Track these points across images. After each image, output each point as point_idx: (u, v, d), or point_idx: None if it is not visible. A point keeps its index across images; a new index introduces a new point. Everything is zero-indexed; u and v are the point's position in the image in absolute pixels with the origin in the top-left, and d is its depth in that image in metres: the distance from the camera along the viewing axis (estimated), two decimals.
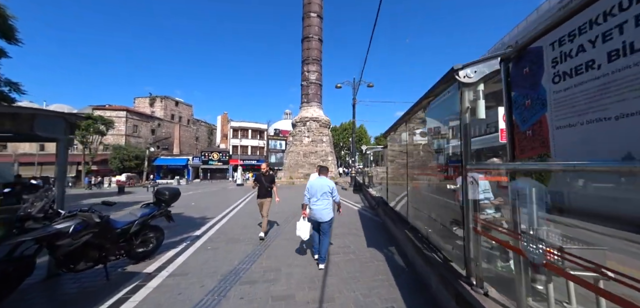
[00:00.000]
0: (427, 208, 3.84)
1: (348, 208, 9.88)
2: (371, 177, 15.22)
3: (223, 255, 4.77)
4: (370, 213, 8.94)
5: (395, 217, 5.72)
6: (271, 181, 5.98)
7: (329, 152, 34.06)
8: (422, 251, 3.50)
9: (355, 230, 6.51)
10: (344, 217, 8.16)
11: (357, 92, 18.81)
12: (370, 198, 11.35)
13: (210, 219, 8.20)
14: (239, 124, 54.21)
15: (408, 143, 4.93)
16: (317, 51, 35.02)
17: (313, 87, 34.69)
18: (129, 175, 33.01)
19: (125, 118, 44.81)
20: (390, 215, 6.23)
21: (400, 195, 5.60)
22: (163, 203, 4.68)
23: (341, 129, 62.65)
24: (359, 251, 4.87)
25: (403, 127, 5.15)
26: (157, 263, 4.36)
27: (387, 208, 7.04)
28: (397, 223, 5.30)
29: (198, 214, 9.21)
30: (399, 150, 5.76)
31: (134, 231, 4.07)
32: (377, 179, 10.93)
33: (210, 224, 7.45)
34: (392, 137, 6.61)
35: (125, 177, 31.14)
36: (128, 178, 31.10)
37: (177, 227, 6.94)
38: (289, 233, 6.17)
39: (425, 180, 4.17)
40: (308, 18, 34.71)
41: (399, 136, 5.62)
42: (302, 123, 34.02)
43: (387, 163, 7.95)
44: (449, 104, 2.85)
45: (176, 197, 4.96)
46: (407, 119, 4.98)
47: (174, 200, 4.89)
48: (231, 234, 6.29)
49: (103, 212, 3.83)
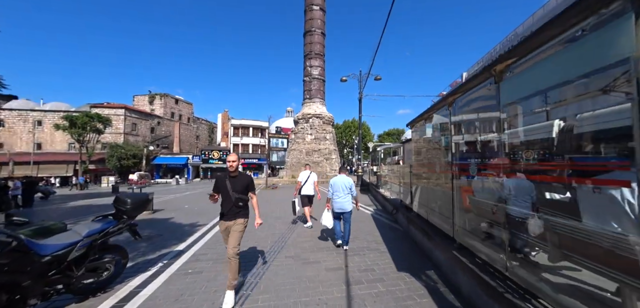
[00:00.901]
0: (503, 227, 2.58)
1: (360, 213, 8.66)
2: (380, 176, 13.98)
3: (205, 284, 3.58)
4: (386, 218, 7.71)
5: (430, 229, 4.48)
6: (246, 188, 3.42)
7: (332, 150, 32.82)
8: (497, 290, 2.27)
9: (374, 242, 5.28)
10: (358, 223, 6.96)
11: (364, 86, 17.53)
12: (383, 200, 10.12)
13: (200, 227, 7.01)
14: (239, 122, 53.09)
15: (456, 132, 3.68)
16: (320, 45, 33.71)
17: (316, 83, 33.41)
18: (141, 174, 31.92)
19: (123, 116, 43.80)
20: (419, 224, 5.00)
21: (437, 200, 4.35)
22: (124, 215, 3.47)
23: (344, 126, 61.37)
24: (388, 277, 3.64)
25: (444, 110, 3.90)
26: (113, 298, 3.16)
27: (412, 215, 5.80)
28: (433, 238, 4.07)
29: (188, 220, 8.02)
30: (435, 144, 4.51)
31: (75, 257, 2.87)
32: (392, 179, 9.69)
33: (199, 234, 6.25)
34: (420, 127, 5.36)
35: (137, 176, 30.26)
36: (140, 177, 30.15)
37: (157, 239, 5.74)
38: (294, 246, 4.97)
39: (493, 185, 2.88)
40: (310, 11, 33.39)
41: (438, 125, 4.36)
42: (305, 120, 32.76)
43: (412, 160, 6.70)
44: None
45: (142, 206, 3.76)
46: (450, 102, 3.73)
47: (138, 210, 3.67)
48: (221, 248, 5.08)
49: (18, 230, 2.63)
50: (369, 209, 9.43)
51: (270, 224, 7.13)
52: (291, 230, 6.46)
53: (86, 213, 10.16)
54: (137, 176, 31.03)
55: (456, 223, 3.48)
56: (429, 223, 4.71)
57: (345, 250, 4.76)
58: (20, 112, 42.16)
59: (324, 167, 31.28)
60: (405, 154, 7.05)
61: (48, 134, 41.49)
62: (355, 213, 7.88)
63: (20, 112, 42.23)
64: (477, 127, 3.37)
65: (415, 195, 5.66)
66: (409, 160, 6.83)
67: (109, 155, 37.73)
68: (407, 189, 6.56)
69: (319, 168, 30.96)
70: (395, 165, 10.32)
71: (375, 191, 13.19)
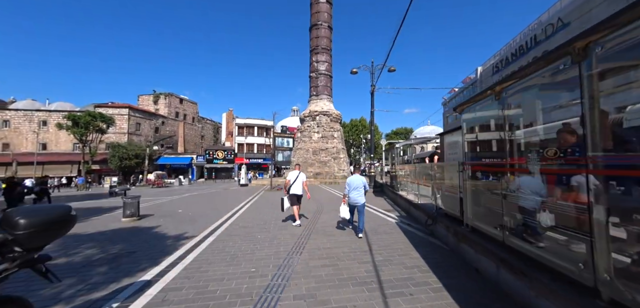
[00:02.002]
0: None
1: (380, 220, 7.16)
2: (396, 176, 12.40)
3: None
4: (417, 228, 6.19)
5: (514, 259, 2.94)
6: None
7: (340, 148, 31.26)
8: None
9: (418, 270, 3.77)
10: (384, 235, 5.54)
11: (379, 78, 15.98)
12: (406, 205, 8.58)
13: (187, 240, 5.62)
14: (244, 121, 52.05)
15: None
16: (327, 40, 32.22)
17: (322, 79, 31.93)
18: (158, 174, 33.52)
19: (127, 116, 43.20)
20: (486, 246, 3.47)
21: (550, 218, 2.79)
22: (17, 246, 2.00)
23: (351, 125, 59.69)
24: None
25: (542, 79, 2.39)
26: None
27: (464, 230, 4.26)
28: (536, 278, 2.54)
29: (176, 229, 6.66)
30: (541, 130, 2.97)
31: None
32: (420, 180, 8.14)
33: (182, 251, 4.85)
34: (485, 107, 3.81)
35: (154, 176, 32.12)
36: (157, 177, 31.86)
37: (125, 260, 4.36)
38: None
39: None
40: (317, 4, 31.94)
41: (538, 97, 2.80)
42: (311, 117, 31.30)
43: (456, 155, 5.18)
44: None
45: (50, 229, 2.09)
46: (539, 67, 2.22)
47: (41, 237, 2.03)
48: (204, 277, 3.66)
49: None
50: (391, 216, 7.90)
51: (274, 234, 5.71)
52: (299, 250, 5.00)
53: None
54: (155, 175, 32.17)
55: (599, 265, 1.95)
56: (506, 247, 3.17)
57: (359, 237, 5.42)
58: (25, 112, 42.00)
59: (332, 167, 29.74)
60: (446, 149, 5.50)
61: (53, 134, 41.17)
62: (381, 224, 6.80)
63: (25, 112, 42.08)
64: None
65: (471, 203, 4.13)
66: (453, 156, 5.30)
67: (111, 155, 37.07)
68: (451, 195, 5.02)
69: (326, 168, 29.44)
70: (420, 164, 8.73)
71: (392, 193, 11.63)
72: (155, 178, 31.54)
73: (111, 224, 7.56)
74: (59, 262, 4.35)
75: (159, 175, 32.60)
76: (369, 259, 4.27)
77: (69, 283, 3.43)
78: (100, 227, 7.21)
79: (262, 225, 6.89)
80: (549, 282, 2.37)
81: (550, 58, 2.41)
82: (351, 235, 5.75)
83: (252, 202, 12.12)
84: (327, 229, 6.35)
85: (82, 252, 4.87)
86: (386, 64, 14.71)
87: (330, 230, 6.30)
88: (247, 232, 6.21)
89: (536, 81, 2.72)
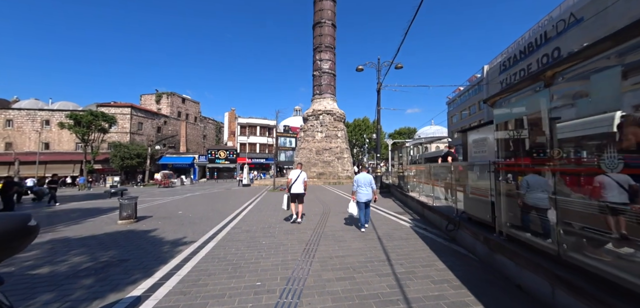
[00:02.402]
0: None
1: (393, 223, 6.64)
2: (405, 177, 11.86)
3: None
4: (435, 233, 5.66)
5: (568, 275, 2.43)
6: None
7: (344, 148, 30.71)
8: None
9: (449, 286, 3.26)
10: (401, 241, 4.99)
11: (386, 75, 15.44)
12: (419, 208, 8.05)
13: (186, 246, 5.15)
14: (246, 121, 51.66)
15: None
16: (330, 38, 31.67)
17: (326, 77, 31.40)
18: (165, 173, 33.48)
19: (129, 115, 43.00)
20: (538, 264, 2.95)
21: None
22: None
23: (354, 125, 59.14)
24: None
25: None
26: None
27: (497, 238, 3.74)
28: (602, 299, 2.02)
29: (175, 233, 6.20)
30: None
31: None
32: (435, 181, 7.61)
33: (179, 259, 4.38)
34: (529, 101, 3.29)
35: (162, 175, 32.14)
36: (164, 177, 31.82)
37: (115, 270, 3.88)
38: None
39: None
40: (320, 2, 31.42)
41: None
42: (315, 116, 30.79)
43: (482, 154, 4.65)
44: None
45: (4, 242, 1.66)
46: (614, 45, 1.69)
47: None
48: (204, 295, 3.18)
49: None
50: (403, 219, 7.38)
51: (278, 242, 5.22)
52: (306, 262, 4.51)
53: (65, 219, 8.52)
54: (162, 175, 32.31)
55: None
56: (562, 263, 2.65)
57: (362, 231, 5.92)
58: (28, 112, 41.95)
59: (336, 167, 29.19)
60: (471, 147, 4.97)
61: (55, 134, 41.08)
62: (394, 228, 6.31)
63: (28, 111, 42.03)
64: None
65: (506, 208, 3.60)
66: (481, 155, 4.76)
67: (113, 155, 36.86)
68: (479, 198, 4.49)
69: (330, 168, 28.90)
70: (435, 164, 8.16)
71: (400, 194, 11.10)
72: (162, 177, 31.53)
73: (106, 227, 7.12)
74: (42, 271, 3.90)
75: (165, 175, 32.45)
76: (389, 271, 3.76)
77: (44, 301, 2.97)
78: (94, 230, 6.77)
79: (266, 229, 6.41)
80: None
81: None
82: (364, 240, 5.27)
83: (255, 204, 11.66)
84: (337, 234, 5.86)
85: (69, 260, 4.42)
86: (394, 60, 14.17)
87: (340, 234, 5.81)
88: (250, 237, 5.73)
89: (609, 62, 2.20)
